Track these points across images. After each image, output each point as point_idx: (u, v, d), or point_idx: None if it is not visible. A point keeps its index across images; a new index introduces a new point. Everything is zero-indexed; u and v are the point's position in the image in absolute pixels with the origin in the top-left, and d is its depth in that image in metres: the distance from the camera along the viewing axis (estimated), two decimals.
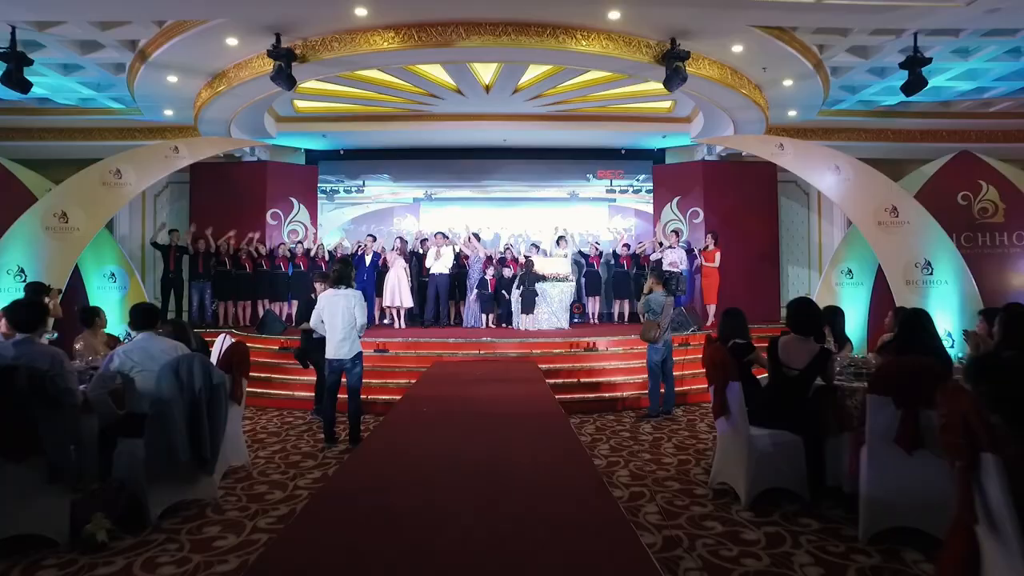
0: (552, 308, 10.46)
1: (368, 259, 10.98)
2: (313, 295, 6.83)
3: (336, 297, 5.62)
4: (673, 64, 7.39)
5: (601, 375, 7.86)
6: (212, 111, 9.47)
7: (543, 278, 10.36)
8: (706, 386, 8.20)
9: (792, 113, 10.42)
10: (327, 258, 11.73)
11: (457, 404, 5.32)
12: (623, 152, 13.49)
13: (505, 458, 3.74)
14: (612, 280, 12.20)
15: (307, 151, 13.45)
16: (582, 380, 7.73)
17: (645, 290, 7.01)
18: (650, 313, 6.77)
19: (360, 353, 5.74)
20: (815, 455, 3.97)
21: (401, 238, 11.29)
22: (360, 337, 5.77)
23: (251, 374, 8.41)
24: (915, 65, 7.27)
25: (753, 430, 4.07)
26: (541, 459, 3.72)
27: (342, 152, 13.36)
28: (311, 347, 6.46)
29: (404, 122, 11.93)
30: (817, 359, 4.04)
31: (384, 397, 7.33)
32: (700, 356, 8.83)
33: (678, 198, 13.17)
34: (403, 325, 11.04)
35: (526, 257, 10.72)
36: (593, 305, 12.08)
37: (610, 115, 11.95)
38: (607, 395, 7.53)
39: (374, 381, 7.64)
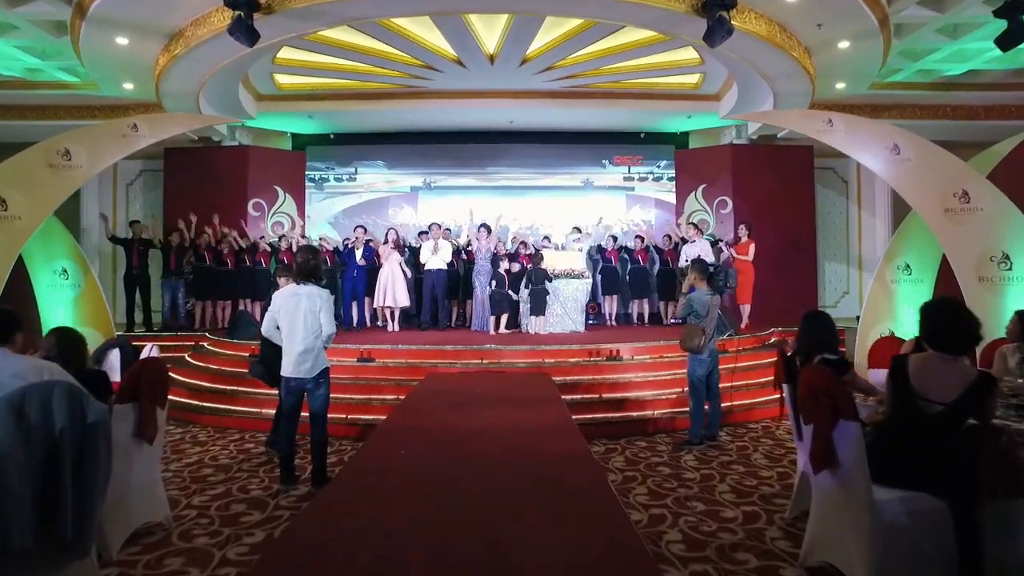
0: (566, 309, 9.18)
1: (359, 254, 9.73)
2: None
3: (296, 297, 4.36)
4: (716, 13, 6.11)
5: (627, 390, 6.58)
6: (174, 81, 8.24)
7: (553, 275, 9.08)
8: (753, 400, 7.13)
9: (840, 86, 9.09)
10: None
11: (447, 443, 4.04)
12: (642, 136, 12.21)
13: (514, 551, 2.47)
14: (630, 277, 10.92)
15: (294, 135, 12.23)
16: (605, 396, 6.46)
17: (684, 288, 5.73)
18: (692, 316, 5.49)
19: (326, 370, 4.49)
20: (970, 530, 2.69)
21: (395, 229, 10.03)
22: (327, 347, 4.52)
23: (217, 386, 7.30)
24: (1016, 11, 5.94)
25: (875, 491, 2.79)
26: (567, 555, 2.44)
27: (332, 136, 12.12)
28: (275, 359, 5.19)
29: (399, 100, 10.68)
30: (974, 389, 2.76)
31: (367, 417, 6.08)
32: (737, 366, 7.65)
33: (704, 186, 11.87)
34: (397, 328, 9.78)
35: (535, 250, 9.43)
36: (610, 305, 10.80)
37: (629, 92, 10.66)
38: (635, 415, 6.25)
39: (356, 397, 6.39)
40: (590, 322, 9.92)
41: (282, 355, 4.47)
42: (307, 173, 12.21)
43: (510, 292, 9.10)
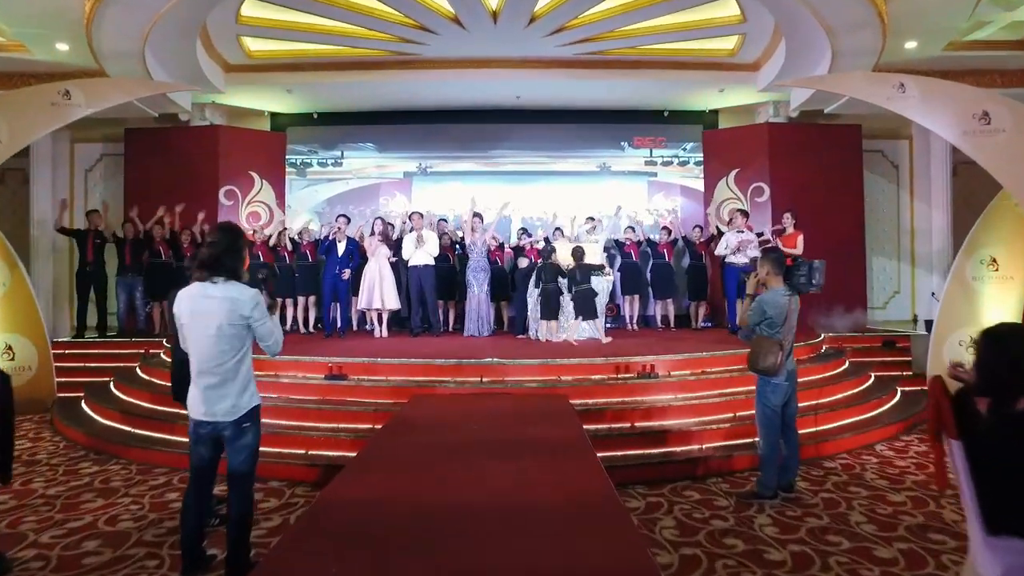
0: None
1: (341, 247, 8.35)
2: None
3: (207, 301, 2.96)
4: None
5: (665, 416, 5.18)
6: (109, 35, 6.86)
7: (565, 272, 7.69)
8: (819, 428, 5.37)
9: (910, 45, 7.63)
10: (290, 247, 9.14)
11: (419, 542, 2.57)
12: (666, 114, 10.77)
13: None
14: (653, 274, 9.52)
15: (272, 115, 10.85)
16: (638, 426, 5.06)
17: (749, 288, 4.32)
18: (765, 324, 4.09)
19: (254, 410, 3.06)
20: None
21: (382, 219, 8.64)
22: (274, 357, 3.14)
23: (158, 408, 5.88)
24: None
25: None
26: None
27: (316, 116, 10.74)
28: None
29: (390, 71, 9.29)
30: None
31: (332, 453, 4.72)
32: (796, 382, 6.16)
33: (736, 171, 10.43)
34: (386, 333, 8.41)
35: (545, 241, 7.99)
36: (630, 306, 9.40)
37: (652, 60, 9.24)
38: (679, 450, 4.86)
39: (321, 427, 5.02)
40: (608, 326, 8.52)
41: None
42: (288, 157, 10.83)
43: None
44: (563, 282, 7.56)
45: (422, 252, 8.27)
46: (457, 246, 9.14)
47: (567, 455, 3.48)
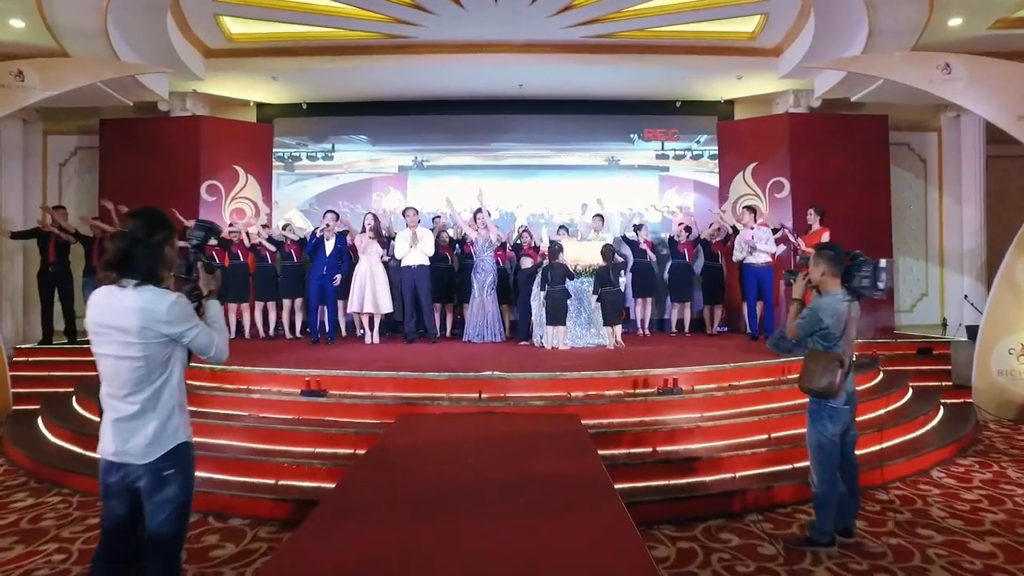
0: (592, 317, 7.12)
1: (329, 246, 7.67)
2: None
3: (113, 309, 2.25)
4: None
5: (691, 439, 4.49)
6: (63, 9, 6.21)
7: (575, 273, 7.03)
8: (868, 451, 4.54)
9: (955, 22, 6.91)
10: (271, 248, 8.48)
11: None
12: (678, 104, 10.08)
13: None
14: (671, 276, 8.85)
15: (259, 105, 10.17)
16: (660, 451, 4.37)
17: (797, 291, 3.62)
18: (819, 336, 3.39)
19: (181, 450, 2.34)
20: None
21: (374, 214, 7.96)
22: (220, 364, 2.57)
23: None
24: None
25: None
26: None
27: (305, 106, 10.05)
28: None
29: (383, 57, 8.60)
30: None
31: (306, 484, 4.03)
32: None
33: (753, 165, 9.74)
34: (377, 339, 7.74)
35: (551, 243, 7.31)
36: (642, 310, 8.72)
37: (665, 45, 8.55)
38: (709, 480, 4.17)
39: (295, 450, 4.34)
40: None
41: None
42: (276, 151, 10.15)
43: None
44: (572, 284, 6.89)
45: (416, 252, 7.60)
46: (457, 245, 8.46)
47: (585, 502, 2.79)
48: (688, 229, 8.85)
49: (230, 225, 8.82)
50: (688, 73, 9.03)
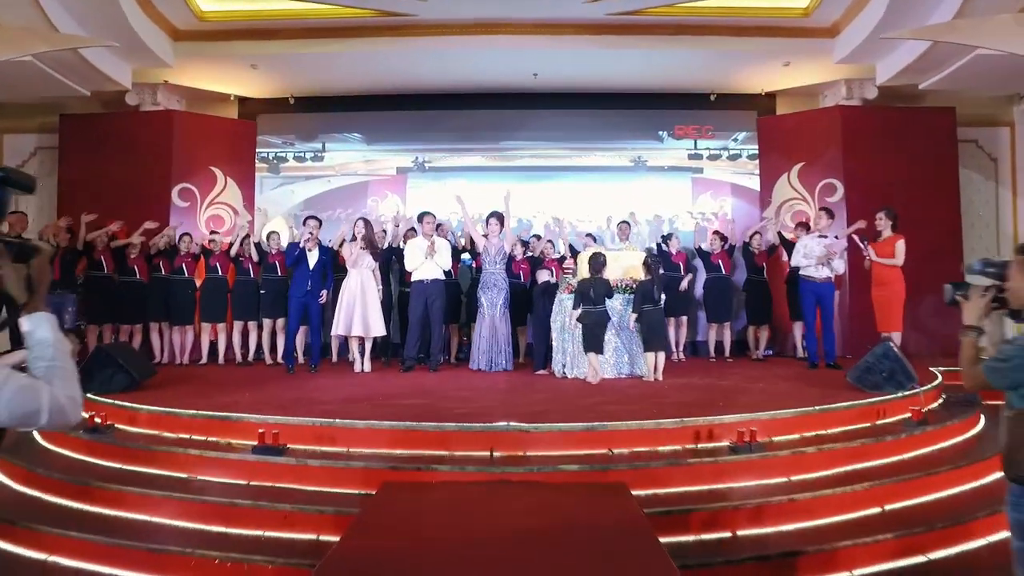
0: (626, 342, 5.93)
1: (313, 258, 6.51)
2: None
3: None
4: None
5: (783, 518, 3.26)
6: None
7: (614, 287, 5.84)
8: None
9: None
10: (255, 257, 7.35)
11: None
12: (713, 98, 8.92)
13: None
14: (707, 292, 7.67)
15: (241, 100, 9.07)
16: (744, 536, 3.14)
17: (970, 316, 2.38)
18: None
19: None
20: None
21: (365, 219, 6.79)
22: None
23: (55, 500, 3.77)
24: None
25: None
26: None
27: (292, 100, 8.95)
28: None
29: (378, 39, 7.52)
30: None
31: None
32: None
33: (799, 165, 8.54)
34: (368, 367, 6.56)
35: (595, 255, 5.97)
36: (675, 331, 7.51)
37: (701, 23, 7.43)
38: None
39: (235, 533, 3.13)
40: None
41: None
42: (259, 151, 9.05)
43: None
44: (611, 304, 5.70)
45: (431, 264, 6.44)
46: (466, 255, 7.31)
47: None
48: (723, 238, 7.66)
49: (212, 233, 7.68)
50: (726, 59, 7.88)
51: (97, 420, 4.15)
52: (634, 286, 5.88)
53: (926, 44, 6.61)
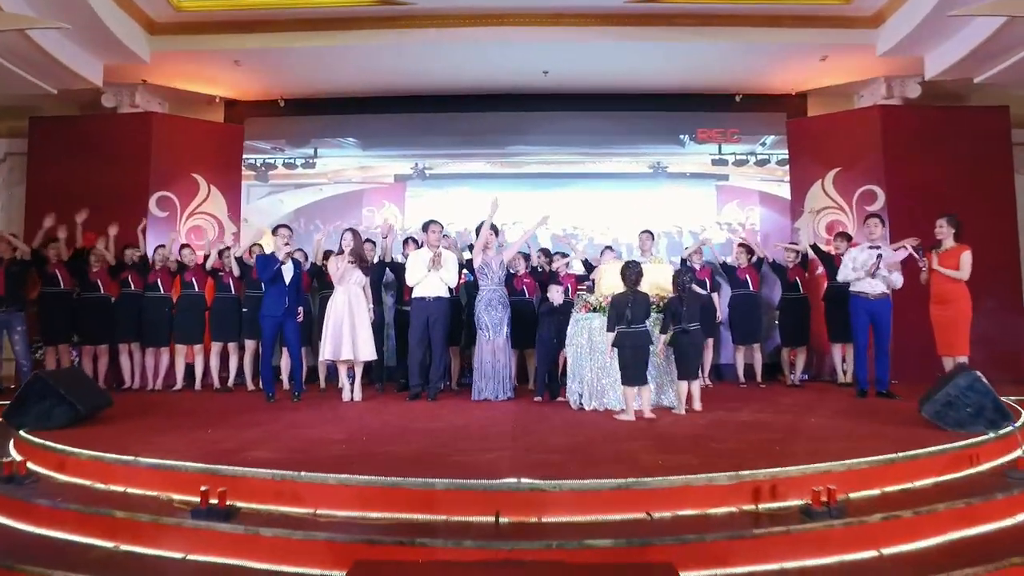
0: (658, 368, 5.14)
1: (287, 274, 5.78)
2: None
3: None
4: None
5: None
6: None
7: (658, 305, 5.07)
8: None
9: None
10: (236, 271, 6.64)
11: None
12: (739, 99, 8.20)
13: None
14: (733, 310, 6.88)
15: (227, 103, 8.40)
16: None
17: None
18: None
19: None
20: None
21: (353, 230, 6.04)
22: None
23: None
24: None
25: None
26: None
27: (282, 103, 8.28)
28: None
29: (372, 31, 6.84)
30: None
31: None
32: None
33: (835, 171, 7.79)
34: (358, 395, 5.79)
35: (629, 264, 5.13)
36: (704, 353, 6.68)
37: (729, 12, 6.73)
38: None
39: None
40: None
41: None
42: (246, 157, 8.36)
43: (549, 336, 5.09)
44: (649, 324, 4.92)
45: (435, 280, 5.71)
46: (464, 272, 6.56)
47: None
48: (750, 251, 6.89)
49: (183, 247, 6.94)
50: (757, 53, 7.16)
51: (17, 467, 3.38)
52: (662, 304, 5.10)
53: (987, 32, 5.85)
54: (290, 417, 4.90)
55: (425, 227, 5.99)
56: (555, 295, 5.69)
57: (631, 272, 4.71)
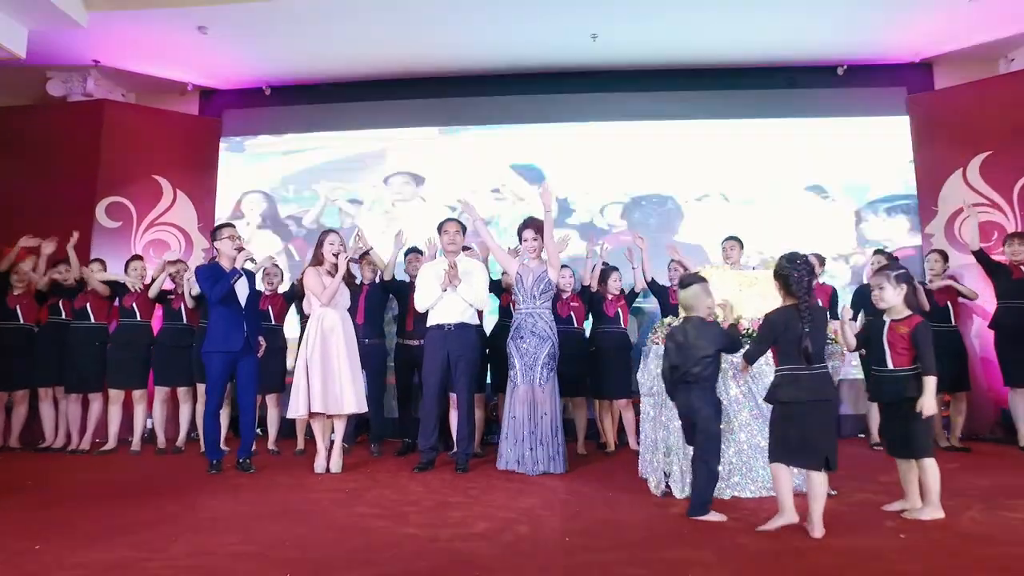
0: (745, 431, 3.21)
1: (242, 294, 4.09)
2: None
3: None
4: None
5: None
6: None
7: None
8: None
9: None
10: (192, 294, 4.98)
11: None
12: (840, 71, 6.35)
13: None
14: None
15: (202, 91, 6.88)
16: None
17: None
18: None
19: None
20: None
21: (335, 231, 4.33)
22: None
23: None
24: None
25: None
26: None
27: (268, 91, 6.74)
28: None
29: None
30: None
31: None
32: None
33: (982, 157, 5.86)
34: (334, 465, 4.02)
35: (800, 255, 2.94)
36: None
37: None
38: None
39: None
40: None
41: None
42: (223, 148, 6.79)
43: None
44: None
45: (456, 300, 3.98)
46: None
47: None
48: (819, 260, 5.02)
49: (134, 258, 5.30)
50: (861, 8, 5.35)
51: None
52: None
53: None
54: (216, 506, 3.13)
55: (440, 228, 4.28)
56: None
57: (798, 269, 2.68)
